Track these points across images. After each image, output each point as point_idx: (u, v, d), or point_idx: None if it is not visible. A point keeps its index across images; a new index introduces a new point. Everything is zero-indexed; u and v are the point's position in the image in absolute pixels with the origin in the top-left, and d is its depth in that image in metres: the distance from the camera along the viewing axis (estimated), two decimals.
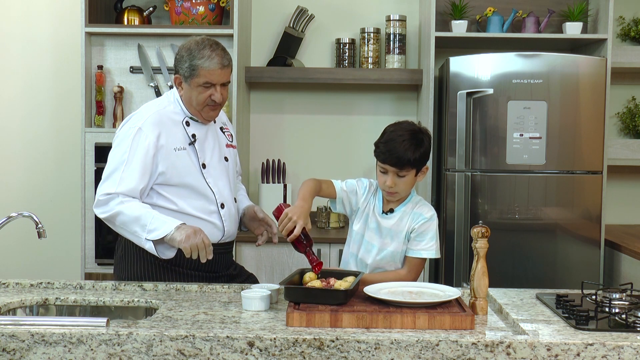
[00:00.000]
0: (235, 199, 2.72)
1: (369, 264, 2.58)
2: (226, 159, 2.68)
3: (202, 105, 2.55)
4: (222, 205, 2.61)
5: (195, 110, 2.57)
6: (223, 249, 2.65)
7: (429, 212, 2.55)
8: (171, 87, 3.68)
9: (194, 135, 2.57)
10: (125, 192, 2.45)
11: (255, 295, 2.16)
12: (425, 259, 2.56)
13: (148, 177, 2.49)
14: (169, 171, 2.52)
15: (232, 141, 2.76)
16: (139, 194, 2.48)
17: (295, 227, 2.32)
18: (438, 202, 3.81)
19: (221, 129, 2.72)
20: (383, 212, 2.57)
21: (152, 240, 2.40)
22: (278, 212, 2.40)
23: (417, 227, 2.52)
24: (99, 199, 2.47)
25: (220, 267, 2.65)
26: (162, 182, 2.53)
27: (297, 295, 2.13)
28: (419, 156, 2.46)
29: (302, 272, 2.31)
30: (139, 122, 2.51)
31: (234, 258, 2.92)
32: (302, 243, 2.38)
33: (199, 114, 2.58)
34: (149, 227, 2.40)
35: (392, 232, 2.54)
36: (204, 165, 2.58)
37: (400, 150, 2.44)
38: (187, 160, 2.54)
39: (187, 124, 2.59)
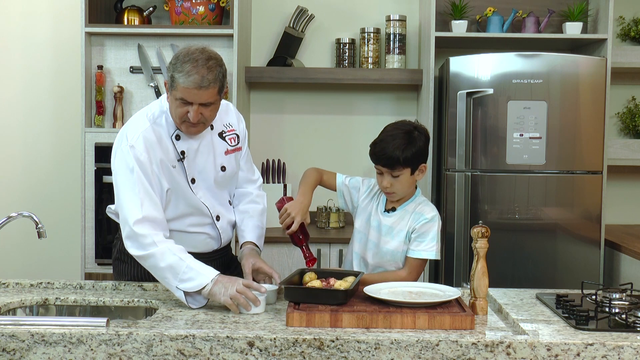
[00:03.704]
0: (230, 202, 2.63)
1: (370, 263, 2.58)
2: (223, 169, 2.53)
3: (180, 120, 2.35)
4: (218, 218, 2.54)
5: (176, 123, 2.39)
6: (218, 255, 2.61)
7: (431, 213, 2.55)
8: None
9: (182, 152, 2.43)
10: (150, 215, 2.29)
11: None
12: (425, 260, 2.55)
13: (157, 193, 2.36)
14: (171, 186, 2.41)
15: (236, 144, 2.58)
16: (162, 210, 2.36)
17: (293, 222, 2.43)
18: (438, 202, 3.81)
19: (221, 133, 2.54)
20: (385, 210, 2.58)
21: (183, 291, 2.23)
22: (280, 204, 2.49)
23: (418, 227, 2.52)
24: (133, 233, 2.28)
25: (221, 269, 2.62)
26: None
27: (297, 295, 2.13)
28: (411, 155, 2.45)
29: (302, 272, 2.31)
30: (131, 139, 2.37)
31: (234, 253, 2.84)
32: (299, 238, 2.49)
33: (180, 128, 2.40)
34: (182, 276, 2.21)
35: (392, 231, 2.55)
36: (192, 180, 2.46)
37: (389, 150, 2.44)
38: (176, 176, 2.43)
39: (177, 137, 2.43)
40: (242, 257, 2.52)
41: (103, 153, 3.73)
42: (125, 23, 3.95)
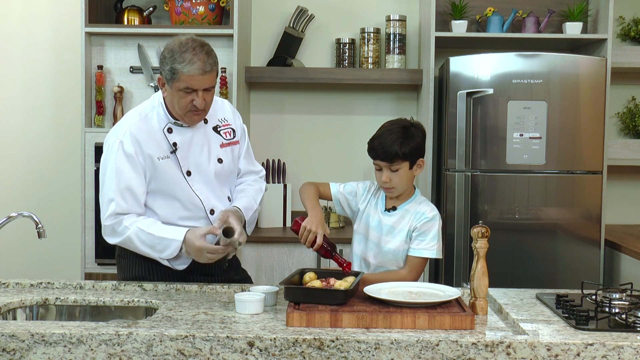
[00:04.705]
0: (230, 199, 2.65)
1: (372, 263, 2.59)
2: (220, 161, 2.57)
3: (185, 111, 2.43)
4: (212, 211, 2.54)
5: (178, 114, 2.47)
6: None
7: (432, 212, 2.56)
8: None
9: (175, 144, 2.48)
10: (128, 209, 2.42)
11: (248, 299, 2.14)
12: (426, 259, 2.56)
13: (142, 185, 2.46)
14: (153, 181, 2.47)
15: (232, 138, 2.64)
16: (143, 203, 2.46)
17: (316, 237, 2.40)
18: (438, 202, 3.81)
19: (216, 127, 2.60)
20: (385, 209, 2.58)
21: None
22: (296, 226, 2.46)
23: (419, 226, 2.53)
24: (105, 225, 2.45)
25: (216, 270, 2.63)
26: (148, 191, 2.49)
27: (297, 295, 2.13)
28: (409, 149, 2.48)
29: (302, 272, 2.31)
30: (119, 134, 2.46)
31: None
32: (327, 250, 2.45)
33: (183, 119, 2.48)
34: (158, 248, 2.42)
35: (393, 230, 2.55)
36: (188, 173, 2.50)
37: (387, 144, 2.48)
38: (169, 169, 2.47)
39: (169, 130, 2.49)
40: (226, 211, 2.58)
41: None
42: (125, 23, 3.96)
